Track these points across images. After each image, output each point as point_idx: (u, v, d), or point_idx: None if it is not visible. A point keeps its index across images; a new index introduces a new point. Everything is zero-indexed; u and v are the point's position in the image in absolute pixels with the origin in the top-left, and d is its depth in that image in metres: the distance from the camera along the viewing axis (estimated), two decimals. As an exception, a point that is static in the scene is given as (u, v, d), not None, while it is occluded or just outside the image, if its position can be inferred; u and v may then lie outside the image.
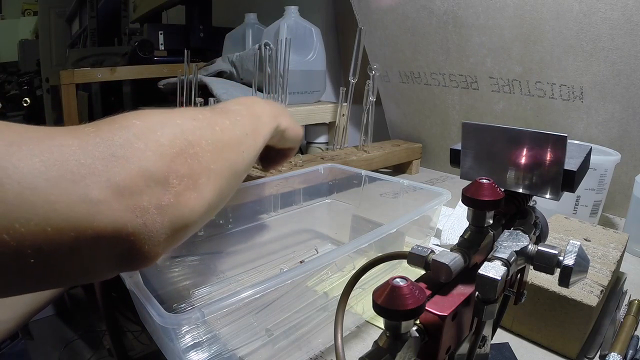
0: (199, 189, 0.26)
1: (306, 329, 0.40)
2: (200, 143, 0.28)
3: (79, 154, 0.21)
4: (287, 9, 0.92)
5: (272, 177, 0.62)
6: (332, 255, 0.37)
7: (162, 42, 1.32)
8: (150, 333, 0.37)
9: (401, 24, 0.91)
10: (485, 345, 0.28)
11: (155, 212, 0.23)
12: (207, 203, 0.27)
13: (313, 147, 1.05)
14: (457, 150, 0.30)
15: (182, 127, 0.27)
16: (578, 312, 0.37)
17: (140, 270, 0.33)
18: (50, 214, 0.20)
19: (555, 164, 0.26)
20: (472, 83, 0.86)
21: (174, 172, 0.25)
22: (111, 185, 0.22)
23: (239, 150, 0.32)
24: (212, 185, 0.28)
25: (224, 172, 0.29)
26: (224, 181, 0.29)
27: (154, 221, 0.23)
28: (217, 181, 0.28)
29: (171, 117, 0.27)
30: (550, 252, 0.23)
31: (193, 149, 0.27)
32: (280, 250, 0.58)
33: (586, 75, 0.68)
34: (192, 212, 0.26)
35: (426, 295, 0.20)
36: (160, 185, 0.24)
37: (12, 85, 2.80)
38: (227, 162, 0.30)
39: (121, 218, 0.22)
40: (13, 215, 0.19)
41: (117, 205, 0.22)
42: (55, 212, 0.20)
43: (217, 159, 0.29)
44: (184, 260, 0.55)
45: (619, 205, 0.72)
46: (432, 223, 0.53)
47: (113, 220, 0.22)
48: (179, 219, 0.25)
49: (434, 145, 1.02)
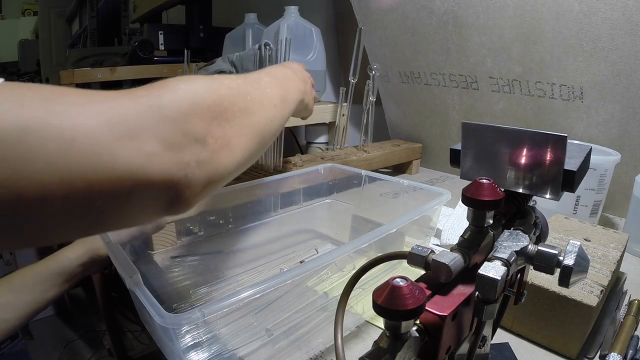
0: (231, 149, 0.30)
1: (306, 329, 0.40)
2: (233, 109, 0.31)
3: (135, 114, 0.25)
4: (287, 9, 0.92)
5: (272, 177, 0.62)
6: (332, 255, 0.37)
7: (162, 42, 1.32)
8: (150, 333, 0.37)
9: (401, 24, 0.91)
10: (485, 345, 0.28)
11: (195, 166, 0.27)
12: (237, 162, 0.31)
13: (313, 147, 1.05)
14: (457, 150, 0.30)
15: (219, 93, 0.31)
16: (578, 312, 0.37)
17: (140, 270, 0.33)
18: (114, 164, 0.23)
19: (555, 164, 0.26)
20: (472, 83, 0.86)
21: (210, 133, 0.29)
22: (161, 141, 0.25)
23: (267, 119, 0.36)
24: (242, 147, 0.32)
25: (253, 136, 0.33)
26: (252, 144, 0.33)
27: (193, 173, 0.27)
28: (246, 144, 0.32)
29: (211, 84, 0.31)
30: (550, 252, 0.23)
31: (226, 114, 0.30)
32: (280, 250, 0.58)
33: (586, 75, 0.68)
34: (224, 168, 0.30)
35: (426, 295, 0.20)
36: (199, 144, 0.28)
37: (12, 85, 2.78)
38: (256, 128, 0.34)
39: (169, 169, 0.26)
40: (83, 166, 0.22)
41: (165, 158, 0.25)
42: (118, 163, 0.23)
43: (247, 124, 0.33)
44: (184, 260, 0.55)
45: (619, 205, 0.72)
46: (432, 223, 0.53)
47: (162, 170, 0.25)
48: (213, 173, 0.29)
49: (434, 145, 1.02)
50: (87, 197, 0.23)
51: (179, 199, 0.27)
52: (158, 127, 0.25)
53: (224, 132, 0.30)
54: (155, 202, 0.27)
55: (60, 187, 0.22)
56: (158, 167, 0.25)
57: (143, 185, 0.25)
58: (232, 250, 0.58)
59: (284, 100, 0.40)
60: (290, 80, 0.45)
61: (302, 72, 0.51)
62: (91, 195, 0.23)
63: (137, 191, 0.25)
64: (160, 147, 0.25)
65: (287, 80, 0.44)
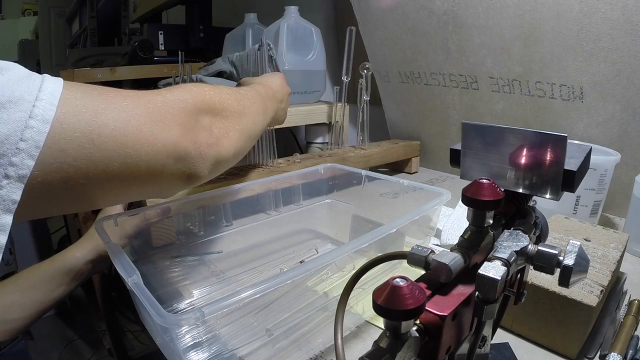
0: (230, 138, 0.39)
1: (306, 329, 0.40)
2: (230, 110, 0.40)
3: (165, 107, 0.32)
4: (287, 9, 0.92)
5: (272, 177, 0.62)
6: (332, 255, 0.37)
7: (162, 42, 1.32)
8: (150, 333, 0.37)
9: (401, 24, 0.91)
10: (485, 345, 0.28)
11: (206, 146, 0.35)
12: (234, 150, 0.39)
13: (313, 147, 1.05)
14: (457, 150, 0.30)
15: (220, 96, 0.39)
16: (578, 312, 0.37)
17: (140, 270, 0.33)
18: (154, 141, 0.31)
19: (555, 164, 0.26)
20: (472, 83, 0.86)
21: (215, 124, 0.37)
22: (183, 126, 0.33)
23: (253, 123, 0.45)
24: (237, 139, 0.40)
25: (244, 132, 0.42)
26: (244, 138, 0.42)
27: (206, 153, 0.35)
28: (240, 137, 0.41)
29: (215, 90, 0.39)
30: (550, 252, 0.23)
31: (226, 113, 0.39)
32: (280, 250, 0.58)
33: (586, 75, 0.68)
34: (226, 152, 0.38)
35: (426, 295, 0.20)
36: (208, 131, 0.36)
37: (12, 85, 2.78)
38: (246, 127, 0.42)
39: (189, 149, 0.33)
40: (128, 147, 0.29)
41: (186, 138, 0.33)
42: (156, 140, 0.31)
43: (240, 122, 0.41)
44: (184, 260, 0.55)
45: (619, 205, 0.72)
46: (432, 223, 0.53)
47: (185, 149, 0.33)
48: (219, 154, 0.37)
49: (434, 145, 1.02)
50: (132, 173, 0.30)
51: (195, 172, 0.35)
52: (180, 116, 0.33)
53: (224, 126, 0.38)
54: (179, 172, 0.34)
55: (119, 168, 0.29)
56: (181, 145, 0.33)
57: (172, 157, 0.32)
58: (232, 250, 0.58)
59: (264, 112, 0.50)
60: (270, 100, 0.54)
61: (282, 89, 0.60)
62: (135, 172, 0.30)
63: (168, 163, 0.32)
64: (182, 130, 0.33)
65: (267, 99, 0.53)
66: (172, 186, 0.35)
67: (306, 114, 0.89)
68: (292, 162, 0.76)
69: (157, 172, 0.32)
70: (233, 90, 0.44)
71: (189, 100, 0.34)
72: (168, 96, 0.34)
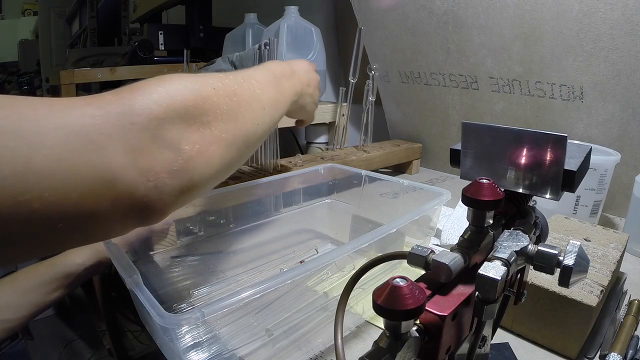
0: (209, 156, 0.28)
1: (306, 329, 0.40)
2: (215, 112, 0.29)
3: (100, 124, 0.23)
4: (287, 9, 0.92)
5: (272, 177, 0.62)
6: (332, 255, 0.37)
7: (162, 42, 1.32)
8: (150, 333, 0.37)
9: (401, 24, 0.91)
10: (485, 345, 0.28)
11: (166, 176, 0.25)
12: (216, 169, 0.29)
13: (313, 147, 1.05)
14: (457, 150, 0.30)
15: (200, 94, 0.28)
16: (578, 312, 0.37)
17: (140, 270, 0.33)
18: (75, 182, 0.22)
19: (555, 164, 0.26)
20: (472, 83, 0.86)
21: (186, 139, 0.26)
22: (129, 153, 0.23)
23: (254, 123, 0.33)
24: (222, 153, 0.29)
25: (236, 141, 0.31)
26: (234, 150, 0.31)
27: (164, 184, 0.25)
28: (227, 150, 0.30)
29: (192, 85, 0.28)
30: (550, 252, 0.23)
31: (207, 118, 0.28)
32: (280, 250, 0.58)
33: (586, 75, 0.68)
34: (200, 177, 0.27)
35: (426, 295, 0.20)
36: (172, 151, 0.26)
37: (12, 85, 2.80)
38: (240, 132, 0.31)
39: (135, 182, 0.24)
40: (42, 185, 0.20)
41: (133, 171, 0.24)
42: (80, 180, 0.22)
43: (229, 129, 0.30)
44: (184, 260, 0.55)
45: (619, 205, 0.72)
46: (432, 223, 0.53)
47: (129, 184, 0.24)
48: (187, 182, 0.27)
49: (434, 145, 1.02)
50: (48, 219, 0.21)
51: (149, 212, 0.26)
52: (125, 136, 0.23)
53: (202, 138, 0.28)
54: (123, 217, 0.25)
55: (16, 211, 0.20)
56: (124, 182, 0.23)
57: (108, 202, 0.23)
58: (232, 250, 0.58)
59: (276, 102, 0.37)
60: (288, 80, 0.41)
61: (307, 74, 0.48)
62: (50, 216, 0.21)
63: (102, 208, 0.23)
64: (126, 160, 0.23)
65: (283, 79, 0.41)
66: (120, 228, 0.26)
67: (306, 114, 0.89)
68: (294, 164, 0.76)
69: (90, 214, 0.23)
70: (225, 80, 0.32)
71: (144, 108, 0.25)
72: (110, 106, 0.24)
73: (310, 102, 0.49)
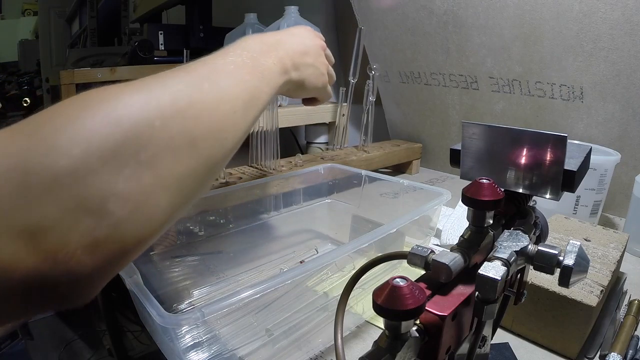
0: (150, 209, 0.20)
1: (306, 329, 0.40)
2: (159, 143, 0.20)
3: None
4: (287, 9, 0.92)
5: (272, 177, 0.62)
6: (332, 255, 0.37)
7: (162, 42, 1.32)
8: (150, 333, 0.37)
9: (401, 24, 0.91)
10: (485, 345, 0.28)
11: (82, 253, 0.18)
12: (161, 222, 0.21)
13: (313, 147, 1.05)
14: (457, 150, 0.30)
15: (136, 117, 0.20)
16: (578, 312, 0.37)
17: (140, 270, 0.33)
18: None
19: (555, 164, 0.26)
20: (472, 83, 0.86)
21: (114, 195, 0.18)
22: (24, 230, 0.16)
23: (220, 138, 0.24)
24: (171, 198, 0.21)
25: (192, 173, 0.22)
26: (189, 185, 0.22)
27: (81, 264, 0.18)
28: (179, 190, 0.21)
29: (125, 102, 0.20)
30: (550, 252, 0.23)
31: (146, 153, 0.20)
32: (280, 250, 0.58)
33: (586, 75, 0.68)
34: (137, 239, 0.20)
35: (426, 295, 0.20)
36: (92, 217, 0.18)
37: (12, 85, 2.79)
38: (200, 159, 0.23)
39: (38, 268, 0.17)
40: None
41: (32, 255, 0.17)
42: None
43: (183, 159, 0.21)
44: (184, 260, 0.55)
45: (619, 205, 0.72)
46: (432, 223, 0.53)
47: (28, 272, 0.17)
48: (120, 251, 0.19)
49: (434, 145, 1.02)
50: None
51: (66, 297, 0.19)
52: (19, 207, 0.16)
53: (139, 185, 0.19)
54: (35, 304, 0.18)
55: None
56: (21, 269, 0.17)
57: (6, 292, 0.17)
58: (232, 250, 0.58)
59: (253, 94, 0.28)
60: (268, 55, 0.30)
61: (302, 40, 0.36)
62: None
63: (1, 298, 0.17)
64: (22, 242, 0.16)
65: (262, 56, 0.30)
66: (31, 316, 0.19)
67: (306, 114, 0.89)
68: (294, 164, 0.76)
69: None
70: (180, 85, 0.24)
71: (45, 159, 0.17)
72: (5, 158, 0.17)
73: (313, 74, 0.37)
